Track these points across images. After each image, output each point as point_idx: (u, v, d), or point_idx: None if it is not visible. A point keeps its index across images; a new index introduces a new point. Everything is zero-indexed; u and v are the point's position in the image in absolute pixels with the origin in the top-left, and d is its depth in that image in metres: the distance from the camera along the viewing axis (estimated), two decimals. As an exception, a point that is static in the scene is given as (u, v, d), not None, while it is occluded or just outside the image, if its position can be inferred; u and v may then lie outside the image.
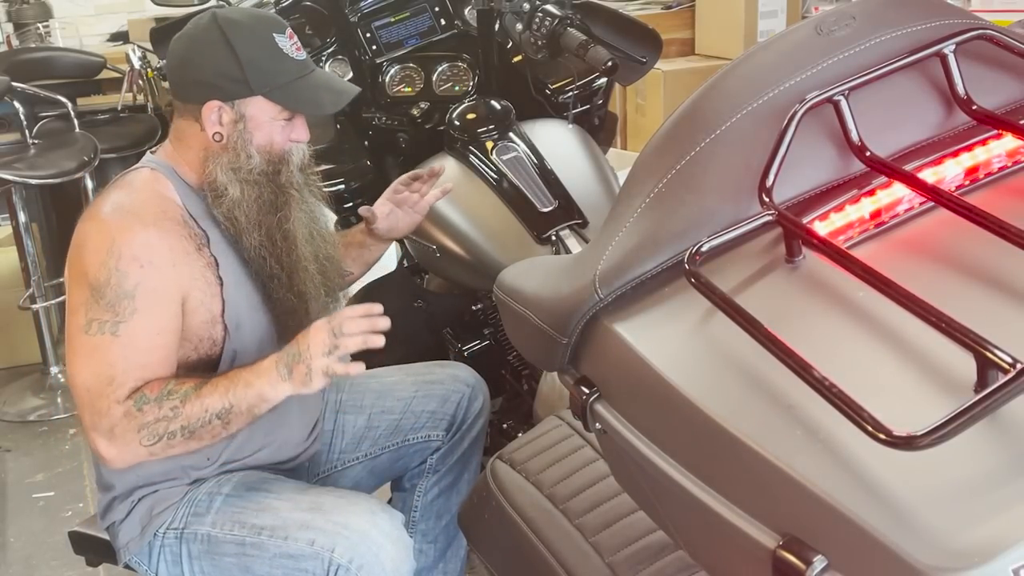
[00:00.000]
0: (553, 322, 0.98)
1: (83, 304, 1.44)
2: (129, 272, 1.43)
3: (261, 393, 1.44)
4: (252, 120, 1.52)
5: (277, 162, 1.55)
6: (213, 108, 1.50)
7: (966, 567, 0.61)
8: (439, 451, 1.83)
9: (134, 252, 1.44)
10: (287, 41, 1.52)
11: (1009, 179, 0.92)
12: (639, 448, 0.86)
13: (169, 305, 1.48)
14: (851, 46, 0.94)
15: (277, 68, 1.50)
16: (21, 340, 3.53)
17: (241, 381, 1.44)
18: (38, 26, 4.27)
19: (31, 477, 2.93)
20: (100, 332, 1.43)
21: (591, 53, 1.74)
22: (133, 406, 1.42)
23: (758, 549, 0.72)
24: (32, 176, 3.07)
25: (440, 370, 1.87)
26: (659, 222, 0.92)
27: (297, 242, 1.57)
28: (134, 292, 1.43)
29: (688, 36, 4.31)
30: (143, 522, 1.56)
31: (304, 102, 1.54)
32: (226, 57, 1.48)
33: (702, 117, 0.94)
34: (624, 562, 1.26)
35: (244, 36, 1.49)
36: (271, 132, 1.53)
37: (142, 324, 1.44)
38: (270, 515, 1.50)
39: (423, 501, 1.84)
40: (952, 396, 0.68)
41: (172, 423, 1.42)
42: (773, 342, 0.75)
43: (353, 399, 1.82)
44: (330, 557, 1.45)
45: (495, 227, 1.84)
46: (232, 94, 1.50)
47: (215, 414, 1.43)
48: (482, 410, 1.85)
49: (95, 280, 1.43)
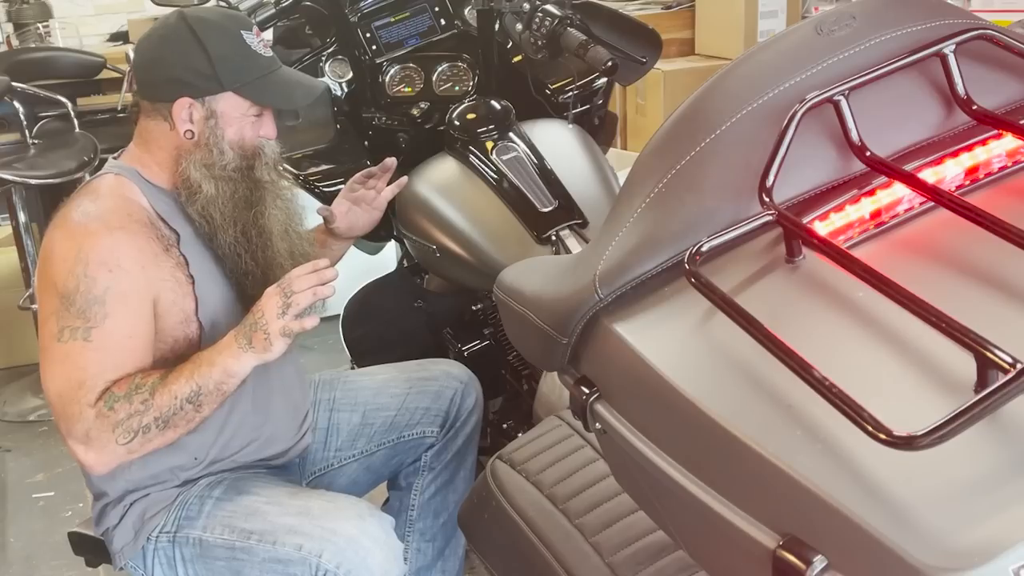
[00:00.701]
0: (553, 322, 0.98)
1: (54, 313, 1.44)
2: (98, 277, 1.43)
3: (226, 368, 1.45)
4: (223, 116, 1.53)
5: (250, 157, 1.56)
6: (184, 105, 1.51)
7: (966, 567, 0.61)
8: (433, 448, 1.83)
9: (102, 257, 1.44)
10: (254, 38, 1.54)
11: (1009, 179, 0.92)
12: (639, 448, 0.86)
13: (140, 307, 1.47)
14: (851, 46, 0.94)
15: (246, 64, 1.52)
16: (21, 340, 3.53)
17: (204, 361, 1.45)
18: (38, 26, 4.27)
19: (31, 477, 2.93)
20: (72, 339, 1.43)
21: (591, 53, 1.74)
22: (104, 406, 1.42)
23: (758, 549, 0.73)
24: (32, 176, 3.07)
25: (433, 367, 1.88)
26: (659, 222, 0.92)
27: (272, 238, 1.58)
28: (104, 297, 1.43)
29: (688, 36, 4.31)
30: (136, 527, 1.56)
31: (275, 96, 1.57)
32: (196, 54, 1.50)
33: (702, 117, 0.94)
34: (624, 562, 1.26)
35: (214, 33, 1.51)
36: (242, 128, 1.55)
37: (114, 328, 1.44)
38: (259, 519, 1.51)
39: (420, 500, 1.84)
40: (952, 396, 0.68)
41: (144, 416, 1.42)
42: (773, 342, 0.75)
43: (347, 396, 1.83)
44: (317, 563, 1.46)
45: (495, 227, 1.84)
46: (203, 90, 1.51)
47: (185, 399, 1.43)
48: (475, 406, 1.86)
49: (64, 288, 1.43)
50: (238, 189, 1.55)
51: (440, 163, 1.99)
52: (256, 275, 1.57)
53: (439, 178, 1.96)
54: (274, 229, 1.59)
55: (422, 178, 1.97)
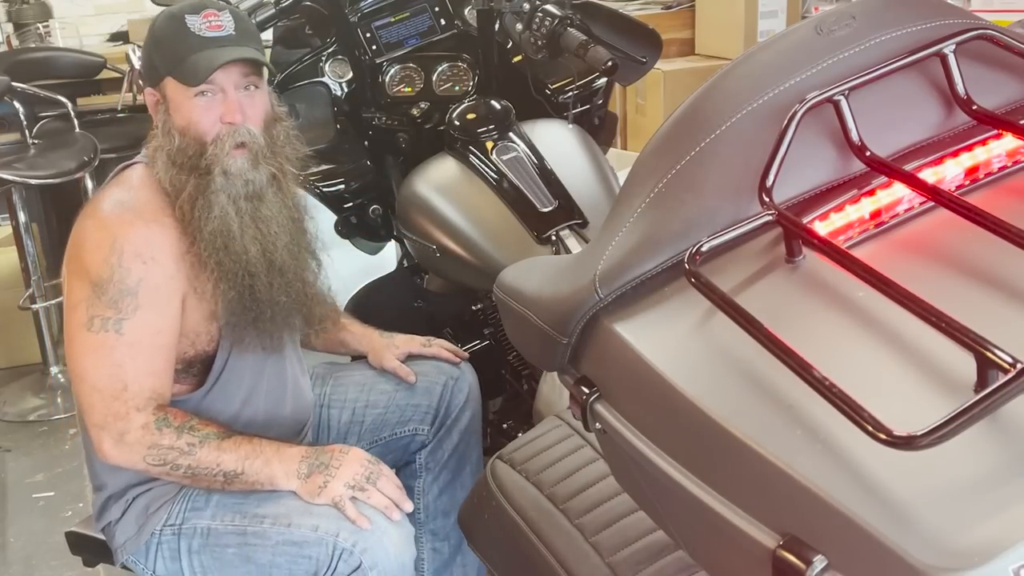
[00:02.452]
0: (553, 322, 0.98)
1: (84, 300, 1.45)
2: (132, 268, 1.44)
3: (273, 478, 1.47)
4: (171, 101, 1.52)
5: (201, 144, 1.50)
6: (150, 95, 1.54)
7: (966, 567, 0.61)
8: (426, 447, 1.82)
9: (137, 248, 1.45)
10: (198, 20, 1.49)
11: (1009, 179, 0.92)
12: (639, 448, 0.86)
13: (170, 302, 1.48)
14: (851, 46, 0.94)
15: (179, 45, 1.49)
16: (21, 340, 3.53)
17: (262, 455, 1.47)
18: (38, 26, 4.27)
19: (31, 477, 2.93)
20: (103, 329, 1.44)
21: (591, 53, 1.74)
22: (154, 423, 1.44)
23: (758, 549, 0.72)
24: (32, 176, 3.07)
25: (424, 363, 1.85)
26: (659, 222, 0.92)
27: (233, 234, 1.50)
28: (136, 289, 1.44)
29: (688, 36, 4.30)
30: (139, 521, 1.56)
31: (188, 72, 1.47)
32: (149, 43, 1.53)
33: (702, 117, 0.94)
34: (624, 562, 1.26)
35: (160, 21, 1.52)
36: (189, 112, 1.50)
37: (144, 321, 1.45)
38: (272, 503, 1.50)
39: (425, 501, 1.83)
40: (952, 396, 0.68)
41: (182, 458, 1.45)
42: (773, 342, 0.75)
43: (337, 393, 1.82)
44: (334, 542, 1.45)
45: (495, 227, 1.84)
46: (152, 79, 1.53)
47: (224, 471, 1.46)
48: (468, 401, 1.83)
49: (97, 276, 1.44)
50: (191, 178, 1.50)
51: (440, 163, 1.99)
52: (260, 276, 1.53)
53: (439, 178, 1.96)
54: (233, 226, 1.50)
55: (422, 178, 1.97)
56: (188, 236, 1.50)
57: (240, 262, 1.51)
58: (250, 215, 1.53)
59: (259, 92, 1.54)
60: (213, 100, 1.50)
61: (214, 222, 1.49)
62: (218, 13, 1.50)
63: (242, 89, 1.51)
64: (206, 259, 1.49)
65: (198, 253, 1.50)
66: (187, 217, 1.49)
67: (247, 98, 1.52)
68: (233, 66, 1.49)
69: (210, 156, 1.50)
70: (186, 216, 1.49)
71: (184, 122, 1.51)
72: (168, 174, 1.51)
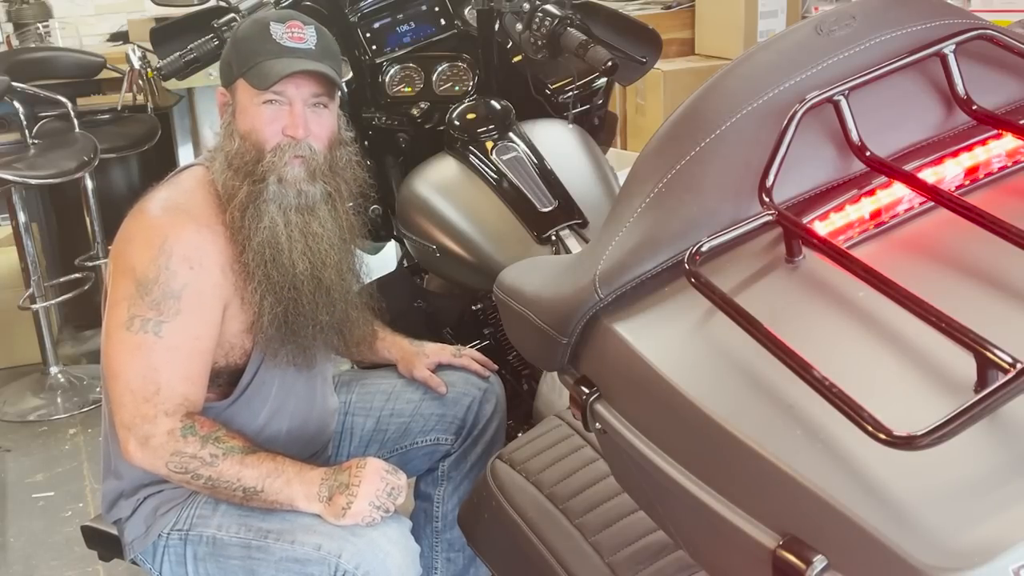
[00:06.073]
0: (553, 322, 0.98)
1: (126, 299, 1.44)
2: (178, 272, 1.44)
3: (292, 498, 1.45)
4: (238, 105, 1.52)
5: (260, 151, 1.49)
6: (220, 96, 1.54)
7: (966, 567, 0.61)
8: (450, 456, 1.80)
9: (186, 252, 1.45)
10: (282, 28, 1.49)
11: (1009, 179, 0.92)
12: (639, 448, 0.86)
13: (212, 309, 1.48)
14: (851, 46, 0.94)
15: (257, 49, 1.48)
16: (21, 340, 3.53)
17: (284, 475, 1.45)
18: (38, 26, 4.26)
19: (31, 477, 2.93)
20: (143, 330, 1.43)
21: (591, 53, 1.74)
22: (180, 429, 1.43)
23: (758, 549, 0.72)
24: (32, 176, 3.07)
25: (453, 373, 1.83)
26: (659, 222, 0.92)
27: (281, 247, 1.49)
28: (181, 293, 1.44)
29: (688, 36, 4.30)
30: (148, 522, 1.56)
31: (259, 76, 1.47)
32: (229, 44, 1.54)
33: (702, 117, 0.94)
34: (624, 562, 1.26)
35: (246, 24, 1.53)
36: (254, 118, 1.50)
37: (183, 326, 1.44)
38: (276, 518, 1.49)
39: (444, 510, 1.82)
40: (952, 396, 0.68)
41: (203, 468, 1.44)
42: (773, 342, 0.75)
43: (362, 400, 1.81)
44: (336, 562, 1.44)
45: (495, 227, 1.84)
46: (226, 79, 1.54)
47: (244, 487, 1.45)
48: (495, 413, 1.82)
49: (143, 276, 1.44)
50: (244, 184, 1.49)
51: (440, 163, 1.99)
52: (305, 293, 1.51)
53: (439, 178, 1.96)
54: (282, 239, 1.49)
55: (422, 178, 1.97)
56: (237, 244, 1.49)
57: (287, 275, 1.50)
58: (300, 229, 1.51)
59: (327, 112, 1.54)
60: (280, 110, 1.49)
61: (263, 232, 1.48)
62: (303, 26, 1.50)
63: (311, 105, 1.51)
64: (254, 270, 1.49)
65: (246, 263, 1.49)
66: (237, 224, 1.49)
67: (314, 115, 1.51)
68: (305, 81, 1.48)
69: (267, 164, 1.49)
70: (236, 223, 1.49)
71: (248, 127, 1.50)
72: (223, 176, 1.51)
